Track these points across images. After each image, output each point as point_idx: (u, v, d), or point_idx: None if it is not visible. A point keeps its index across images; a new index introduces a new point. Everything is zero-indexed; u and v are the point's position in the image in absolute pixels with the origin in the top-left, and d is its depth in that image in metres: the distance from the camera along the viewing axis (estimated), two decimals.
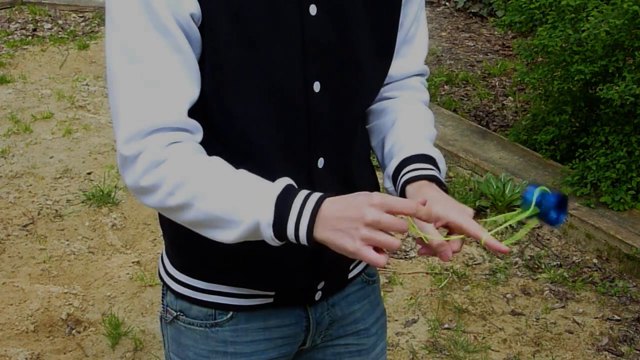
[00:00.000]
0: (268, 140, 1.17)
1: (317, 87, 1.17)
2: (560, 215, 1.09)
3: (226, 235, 1.07)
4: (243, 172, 1.09)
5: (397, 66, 1.31)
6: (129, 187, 1.11)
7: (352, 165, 1.29)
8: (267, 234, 1.04)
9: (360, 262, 1.39)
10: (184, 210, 1.08)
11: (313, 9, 1.13)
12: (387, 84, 1.35)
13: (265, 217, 1.03)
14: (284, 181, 1.06)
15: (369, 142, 1.37)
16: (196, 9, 1.07)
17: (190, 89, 1.10)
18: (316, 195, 1.04)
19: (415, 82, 1.38)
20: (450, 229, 1.13)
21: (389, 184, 1.27)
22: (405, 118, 1.31)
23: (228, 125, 1.16)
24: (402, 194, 1.21)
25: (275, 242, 1.06)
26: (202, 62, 1.11)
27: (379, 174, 1.38)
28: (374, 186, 1.38)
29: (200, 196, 1.06)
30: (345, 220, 1.00)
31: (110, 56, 1.09)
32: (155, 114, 1.08)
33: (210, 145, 1.18)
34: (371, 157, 1.39)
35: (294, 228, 1.03)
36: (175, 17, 1.06)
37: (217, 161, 1.10)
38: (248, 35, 1.10)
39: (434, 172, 1.22)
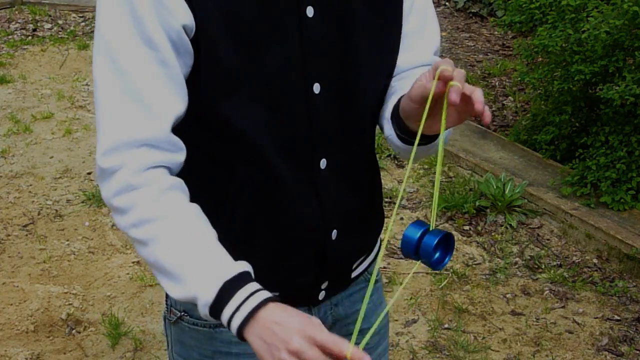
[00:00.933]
0: (269, 142, 1.16)
1: (317, 88, 1.16)
2: (444, 256, 1.10)
3: (169, 288, 1.06)
4: (209, 236, 1.06)
5: (405, 58, 1.27)
6: (103, 199, 1.11)
7: (356, 166, 1.28)
8: (203, 311, 1.04)
9: (363, 261, 1.39)
10: (140, 245, 1.08)
11: (310, 11, 1.12)
12: (395, 75, 1.30)
13: (205, 297, 1.02)
14: (240, 266, 1.04)
15: (374, 142, 1.36)
16: (189, 20, 1.05)
17: (176, 104, 1.08)
18: (261, 296, 1.01)
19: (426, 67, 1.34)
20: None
21: (388, 129, 1.22)
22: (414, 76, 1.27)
23: (228, 128, 1.14)
24: (395, 113, 1.17)
25: (207, 318, 1.05)
26: (197, 70, 1.09)
27: (382, 175, 1.38)
28: (378, 186, 1.38)
29: (158, 241, 1.05)
30: (273, 336, 0.98)
31: (97, 66, 1.07)
32: (138, 127, 1.05)
33: (211, 148, 1.17)
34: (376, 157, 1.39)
35: (228, 318, 1.02)
36: (165, 30, 1.04)
37: (192, 211, 1.08)
38: (246, 40, 1.09)
39: None
